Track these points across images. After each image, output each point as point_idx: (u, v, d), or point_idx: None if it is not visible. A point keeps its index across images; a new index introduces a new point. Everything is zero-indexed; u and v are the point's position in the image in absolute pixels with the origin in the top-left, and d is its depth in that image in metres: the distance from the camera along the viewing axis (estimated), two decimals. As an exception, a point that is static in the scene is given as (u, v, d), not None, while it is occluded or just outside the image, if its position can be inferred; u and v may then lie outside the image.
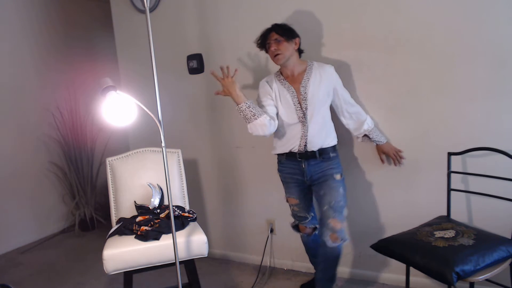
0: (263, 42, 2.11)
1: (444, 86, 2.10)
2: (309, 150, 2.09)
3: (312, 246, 2.35)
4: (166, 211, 2.19)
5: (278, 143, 2.20)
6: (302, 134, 2.09)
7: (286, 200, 2.29)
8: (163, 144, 1.66)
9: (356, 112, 2.18)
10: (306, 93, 2.07)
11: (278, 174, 2.28)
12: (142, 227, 2.06)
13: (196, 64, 2.80)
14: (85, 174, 3.90)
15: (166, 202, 2.33)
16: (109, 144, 3.89)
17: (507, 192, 1.80)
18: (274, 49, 2.04)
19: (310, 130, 2.08)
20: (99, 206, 3.97)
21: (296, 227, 2.34)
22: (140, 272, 2.03)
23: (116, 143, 3.77)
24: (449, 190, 2.03)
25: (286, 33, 2.06)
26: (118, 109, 1.60)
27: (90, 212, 3.87)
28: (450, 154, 2.03)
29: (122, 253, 1.95)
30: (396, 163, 2.24)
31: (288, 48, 2.05)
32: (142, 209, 2.26)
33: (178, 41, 2.87)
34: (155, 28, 2.50)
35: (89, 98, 3.79)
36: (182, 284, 1.76)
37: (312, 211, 2.28)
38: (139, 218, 2.15)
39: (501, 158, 1.81)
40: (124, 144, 3.31)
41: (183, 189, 2.47)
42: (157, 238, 2.00)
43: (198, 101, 2.90)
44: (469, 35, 2.01)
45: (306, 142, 2.09)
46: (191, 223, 2.20)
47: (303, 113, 2.07)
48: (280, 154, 2.21)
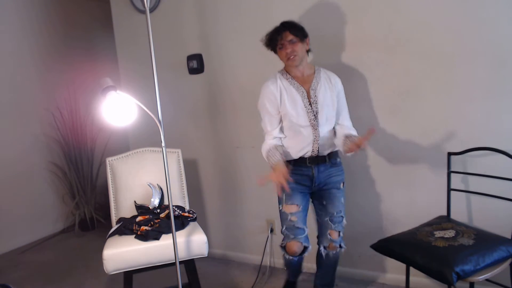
0: (275, 41, 1.97)
1: (444, 86, 2.10)
2: (320, 155, 2.02)
3: (297, 265, 2.18)
4: (166, 211, 2.19)
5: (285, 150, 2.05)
6: (314, 138, 1.99)
7: (281, 210, 2.06)
8: (163, 144, 1.66)
9: (347, 126, 2.07)
10: (316, 96, 1.98)
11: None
12: (142, 227, 2.06)
13: (196, 64, 2.80)
14: (85, 174, 3.90)
15: (166, 202, 2.33)
16: (109, 144, 3.88)
17: (507, 192, 1.81)
18: (290, 51, 1.93)
19: (321, 134, 1.99)
20: (99, 206, 3.97)
21: (285, 248, 2.05)
22: (140, 272, 2.03)
23: (116, 143, 3.77)
24: (449, 190, 2.03)
25: (300, 33, 1.95)
26: (118, 109, 1.60)
27: (90, 212, 3.87)
28: (450, 154, 2.03)
29: (122, 253, 1.95)
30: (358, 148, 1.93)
31: (302, 49, 1.96)
32: (142, 209, 2.26)
33: (178, 41, 2.87)
34: (155, 28, 2.49)
35: (89, 98, 3.79)
36: (182, 284, 1.76)
37: (306, 225, 2.06)
38: (139, 218, 2.16)
39: (501, 158, 1.81)
40: (124, 144, 3.31)
41: (183, 189, 2.47)
42: (157, 238, 2.00)
43: (198, 101, 2.89)
44: (469, 35, 2.01)
45: (318, 147, 2.00)
46: (191, 223, 2.20)
47: (314, 116, 1.98)
48: (287, 161, 2.01)
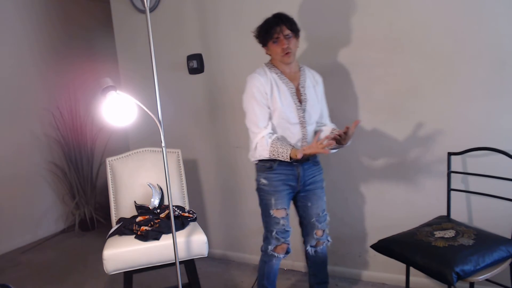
0: (271, 35, 1.87)
1: (444, 86, 2.10)
2: None
3: (276, 272, 2.10)
4: (166, 211, 2.19)
5: None
6: (303, 136, 1.95)
7: (271, 215, 1.97)
8: (163, 144, 1.66)
9: (330, 125, 2.06)
10: (305, 94, 1.96)
11: (260, 186, 2.00)
12: (142, 227, 2.06)
13: (196, 64, 2.80)
14: (85, 174, 3.90)
15: (166, 202, 2.33)
16: (109, 144, 3.88)
17: (507, 192, 1.81)
18: (287, 46, 1.86)
19: (309, 132, 1.97)
20: (99, 206, 3.98)
21: (270, 254, 2.00)
22: (140, 272, 2.03)
23: (116, 143, 3.77)
24: (449, 190, 2.03)
25: (295, 27, 1.90)
26: (118, 109, 1.60)
27: (90, 212, 3.87)
28: (450, 154, 2.03)
29: (122, 253, 1.95)
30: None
31: (296, 44, 1.91)
32: (142, 209, 2.26)
33: (178, 41, 2.87)
34: (155, 28, 2.49)
35: (89, 98, 3.79)
36: (182, 284, 1.76)
37: None
38: (139, 218, 2.15)
39: (501, 158, 1.81)
40: (124, 144, 3.31)
41: (183, 189, 2.47)
42: (157, 238, 2.00)
43: (198, 101, 2.90)
44: (469, 35, 2.01)
45: (306, 145, 1.92)
46: (191, 223, 2.20)
47: (303, 114, 1.93)
48: (271, 160, 1.93)
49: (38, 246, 3.59)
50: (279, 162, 1.93)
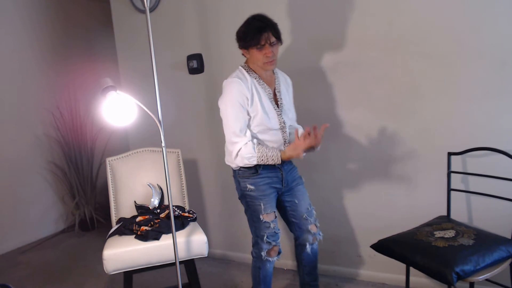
0: (257, 41, 1.80)
1: (444, 86, 2.10)
2: None
3: (271, 275, 2.07)
4: (166, 211, 2.19)
5: None
6: (284, 141, 1.95)
7: (261, 220, 1.94)
8: (163, 144, 1.66)
9: (295, 126, 2.05)
10: (281, 98, 1.95)
11: (246, 192, 1.95)
12: (142, 227, 2.06)
13: (196, 64, 2.80)
14: (85, 174, 3.90)
15: (166, 202, 2.33)
16: (109, 144, 3.88)
17: (507, 192, 1.80)
18: (272, 54, 1.82)
19: (288, 135, 1.97)
20: (99, 206, 3.98)
21: (264, 260, 1.98)
22: (140, 272, 2.03)
23: (116, 143, 3.77)
24: (449, 190, 2.03)
25: (279, 34, 1.86)
26: (118, 109, 1.60)
27: (90, 212, 3.87)
28: (450, 154, 2.03)
29: (122, 253, 1.95)
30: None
31: (278, 51, 1.89)
32: (142, 209, 2.27)
33: (178, 41, 2.87)
34: (155, 28, 2.49)
35: (89, 98, 3.79)
36: (182, 284, 1.76)
37: None
38: (139, 218, 2.16)
39: (501, 158, 1.81)
40: (124, 144, 3.31)
41: (183, 189, 2.47)
42: (157, 238, 2.00)
43: (198, 101, 2.89)
44: (469, 35, 2.01)
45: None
46: (191, 223, 2.20)
47: (282, 118, 1.93)
48: (257, 165, 1.91)
49: (38, 246, 3.59)
50: (263, 166, 1.92)
